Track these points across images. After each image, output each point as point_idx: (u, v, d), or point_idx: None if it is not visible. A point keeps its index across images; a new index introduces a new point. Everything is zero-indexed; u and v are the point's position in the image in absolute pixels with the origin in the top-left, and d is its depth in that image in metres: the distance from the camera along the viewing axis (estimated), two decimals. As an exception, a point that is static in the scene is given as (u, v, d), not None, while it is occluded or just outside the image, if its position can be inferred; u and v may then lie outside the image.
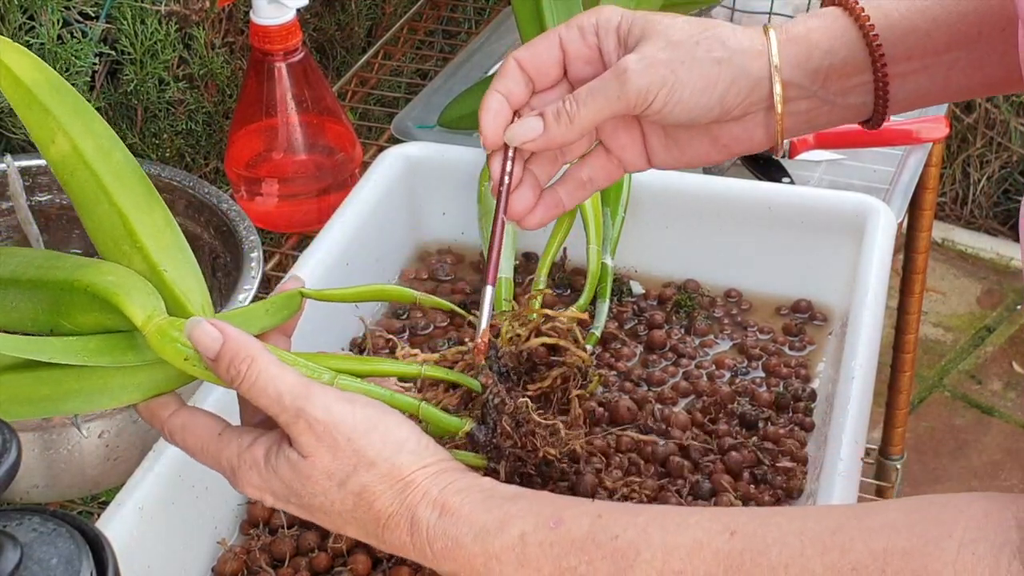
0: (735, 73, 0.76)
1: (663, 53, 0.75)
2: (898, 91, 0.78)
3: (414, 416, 0.74)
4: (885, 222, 1.04)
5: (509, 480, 0.76)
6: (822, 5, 0.80)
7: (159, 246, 0.76)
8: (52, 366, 0.73)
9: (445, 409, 0.76)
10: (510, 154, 0.78)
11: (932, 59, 0.78)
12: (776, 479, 0.92)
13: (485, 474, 0.75)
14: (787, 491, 0.91)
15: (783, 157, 1.27)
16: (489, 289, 0.78)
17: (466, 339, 1.07)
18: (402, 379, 0.77)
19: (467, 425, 0.76)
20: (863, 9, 0.77)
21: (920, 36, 0.77)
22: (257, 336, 0.74)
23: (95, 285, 0.73)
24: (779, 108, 0.77)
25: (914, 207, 1.61)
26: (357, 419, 0.70)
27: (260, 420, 0.75)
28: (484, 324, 0.77)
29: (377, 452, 0.69)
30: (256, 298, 1.00)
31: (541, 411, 0.77)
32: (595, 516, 0.67)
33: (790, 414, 0.98)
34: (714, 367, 1.03)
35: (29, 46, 1.17)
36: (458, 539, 0.68)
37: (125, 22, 1.25)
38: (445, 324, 1.08)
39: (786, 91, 0.76)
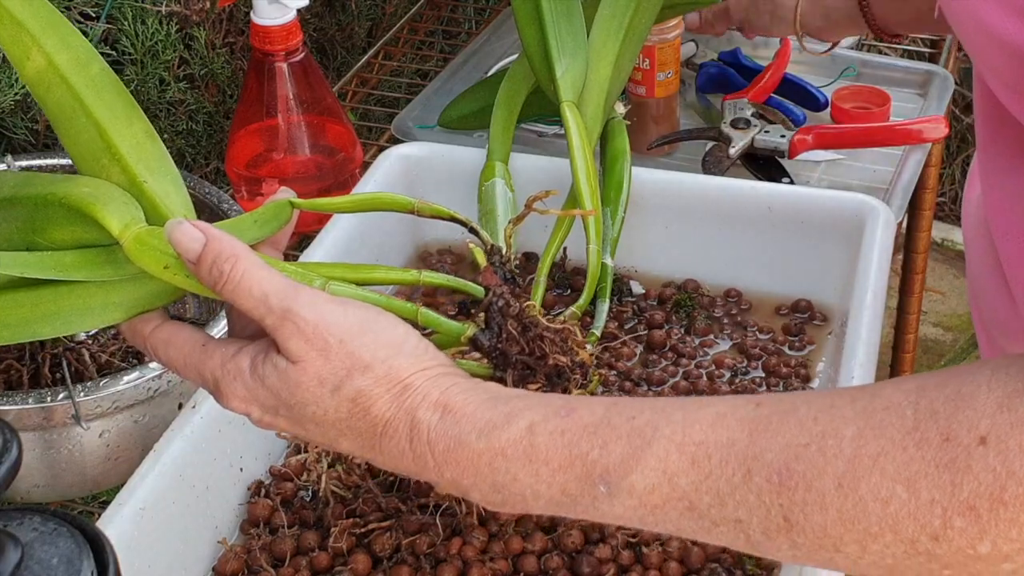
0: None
1: None
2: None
3: (413, 322, 0.69)
4: (885, 222, 1.04)
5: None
6: None
7: (139, 157, 0.72)
8: (29, 287, 0.69)
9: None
10: None
11: None
12: (776, 479, 0.92)
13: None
14: (787, 491, 0.91)
15: (783, 157, 1.27)
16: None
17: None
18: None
19: (470, 330, 0.71)
20: None
21: None
22: None
23: (70, 196, 0.69)
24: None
25: (914, 207, 1.61)
26: (350, 320, 0.65)
27: (250, 333, 0.70)
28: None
29: (372, 354, 0.65)
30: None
31: (550, 316, 0.71)
32: (610, 404, 0.63)
33: (790, 414, 0.98)
34: (714, 367, 1.03)
35: (30, 46, 1.17)
36: (460, 438, 0.63)
37: (126, 22, 1.25)
38: (455, 312, 1.07)
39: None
